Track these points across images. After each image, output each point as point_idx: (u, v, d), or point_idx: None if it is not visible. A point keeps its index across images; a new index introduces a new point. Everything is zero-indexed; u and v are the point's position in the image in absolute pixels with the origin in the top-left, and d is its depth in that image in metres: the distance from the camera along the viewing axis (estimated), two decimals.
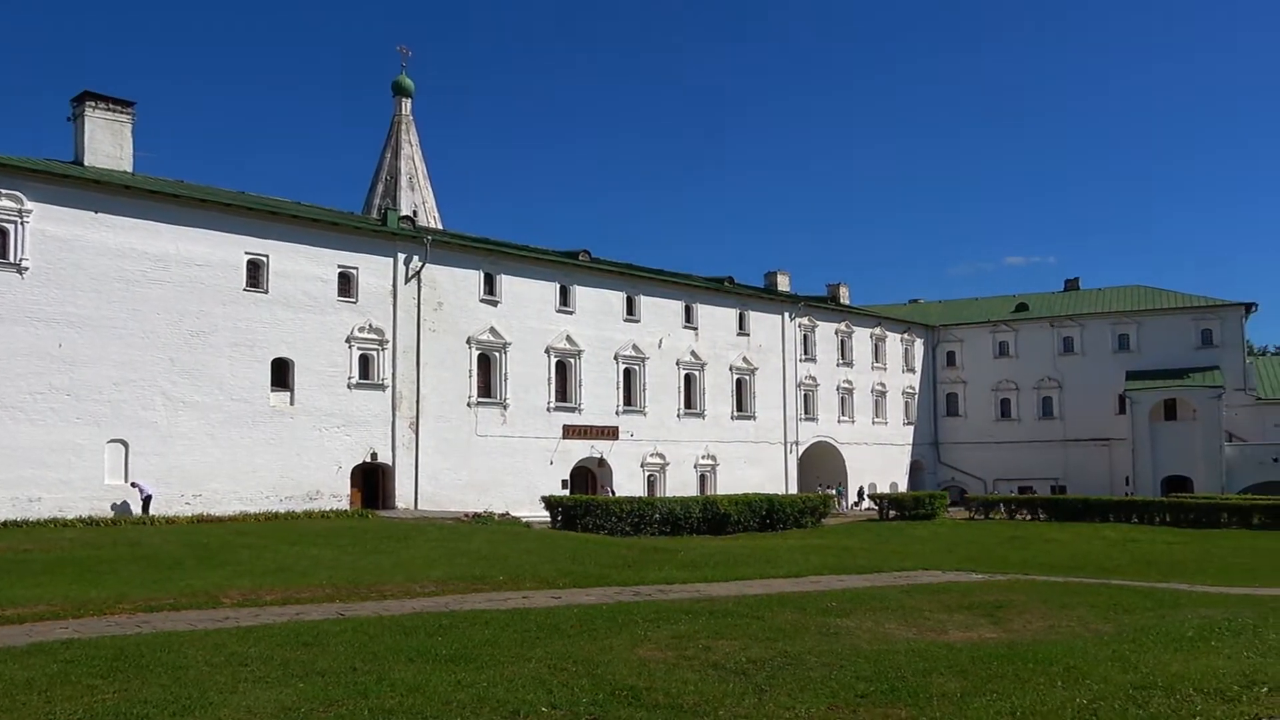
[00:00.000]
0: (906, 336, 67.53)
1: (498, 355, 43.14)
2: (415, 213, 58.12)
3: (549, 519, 37.28)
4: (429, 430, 40.19)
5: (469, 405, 41.85)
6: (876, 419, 63.89)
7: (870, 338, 64.18)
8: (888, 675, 10.39)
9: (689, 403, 51.60)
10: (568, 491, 43.39)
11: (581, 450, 46.24)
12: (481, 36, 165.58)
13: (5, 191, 30.22)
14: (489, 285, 43.04)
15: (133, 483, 31.95)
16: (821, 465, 59.76)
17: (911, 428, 67.11)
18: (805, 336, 59.09)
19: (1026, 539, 38.99)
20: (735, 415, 54.02)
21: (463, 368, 41.78)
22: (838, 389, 60.99)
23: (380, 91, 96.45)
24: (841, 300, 66.35)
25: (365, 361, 38.66)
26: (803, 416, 58.15)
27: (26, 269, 30.51)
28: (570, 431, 45.57)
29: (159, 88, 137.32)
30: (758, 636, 12.96)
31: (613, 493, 44.66)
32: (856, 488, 59.93)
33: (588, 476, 47.49)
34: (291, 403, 36.32)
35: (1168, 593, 20.10)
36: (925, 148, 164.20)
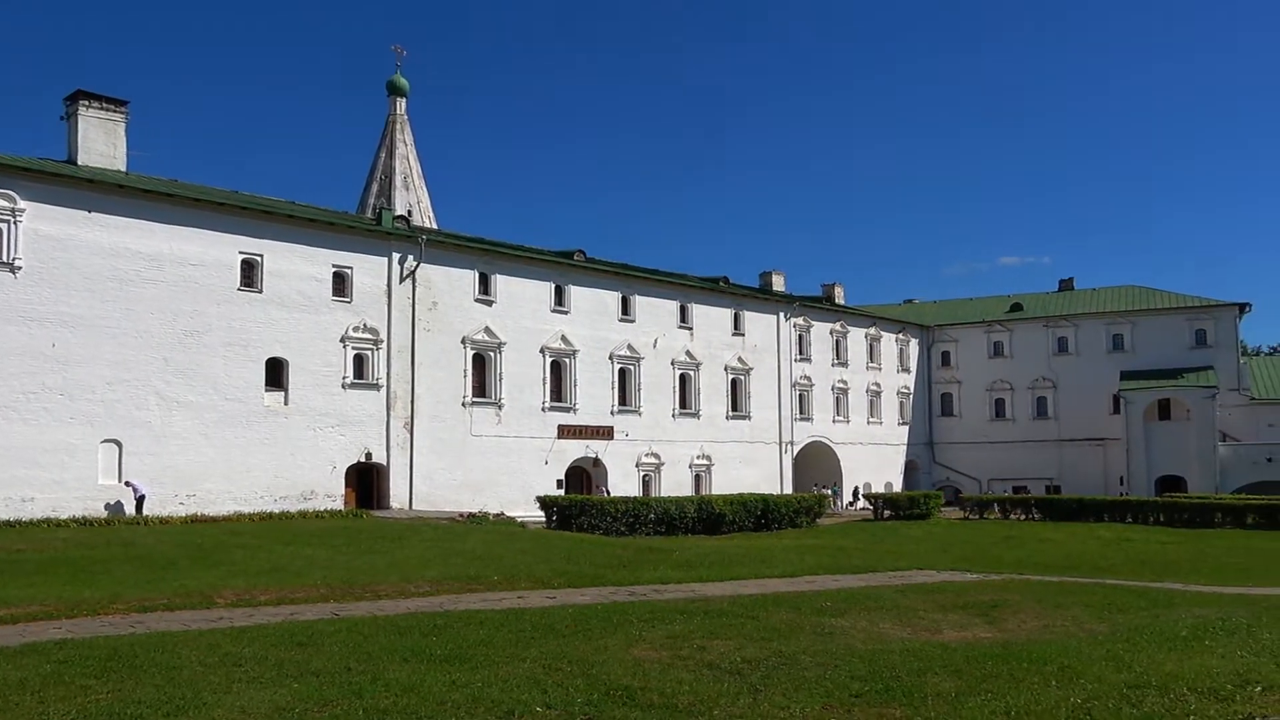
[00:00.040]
0: (901, 336, 67.62)
1: (493, 355, 43.12)
2: (410, 212, 58.04)
3: (544, 519, 37.26)
4: (424, 430, 40.14)
5: (464, 405, 41.82)
6: (871, 419, 63.97)
7: (865, 338, 64.26)
8: (882, 675, 10.40)
9: (684, 403, 51.62)
10: (563, 491, 43.37)
11: (576, 450, 46.24)
12: (477, 36, 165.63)
13: None
14: (484, 285, 43.02)
15: (126, 482, 31.88)
16: (816, 465, 59.81)
17: (906, 428, 67.20)
18: (800, 336, 59.15)
19: (1021, 539, 39.06)
20: (730, 415, 54.05)
21: (457, 367, 41.75)
22: (833, 389, 61.05)
23: (375, 91, 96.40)
24: (836, 300, 66.41)
25: (360, 361, 38.61)
26: (798, 416, 58.21)
27: (20, 268, 30.42)
28: (565, 431, 45.56)
29: (153, 87, 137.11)
30: (753, 636, 12.96)
31: (608, 492, 44.64)
32: (851, 488, 60.01)
33: (583, 476, 47.48)
34: (286, 402, 36.26)
35: (1162, 592, 20.13)
36: (920, 148, 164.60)
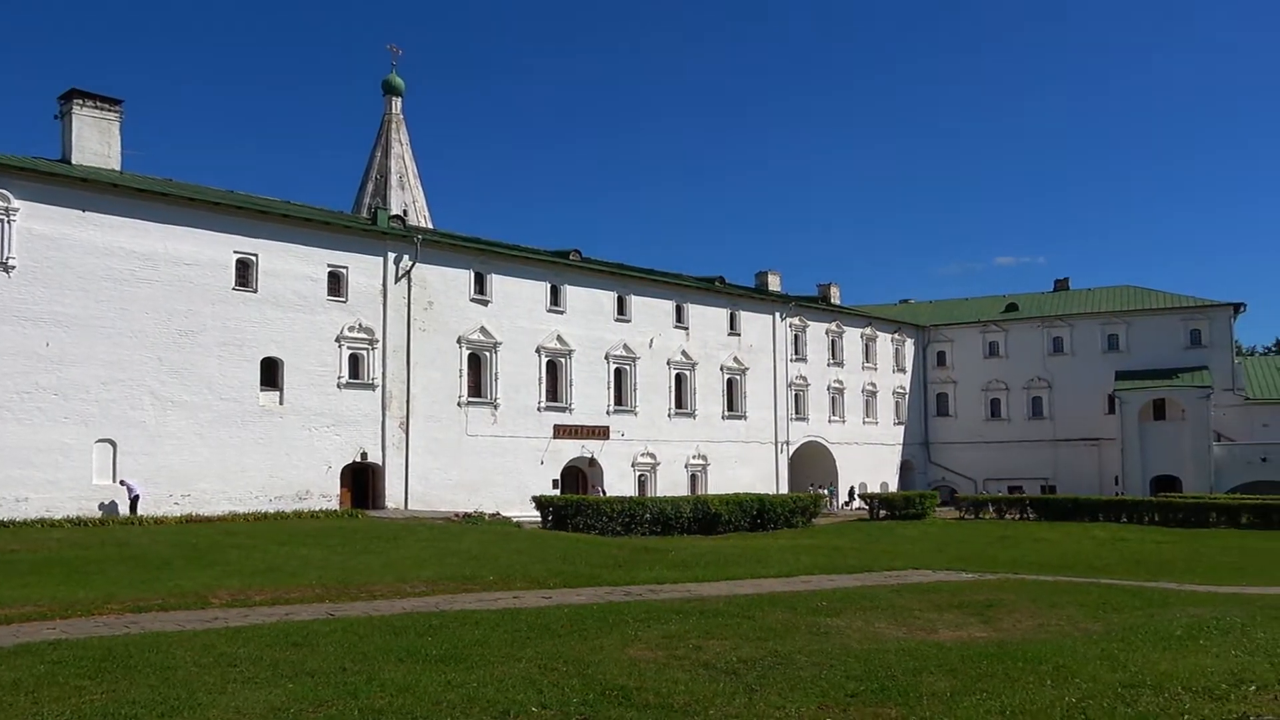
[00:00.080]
0: (897, 336, 67.68)
1: (488, 355, 43.09)
2: (405, 212, 58.00)
3: (540, 519, 37.25)
4: (419, 430, 40.11)
5: (459, 405, 41.79)
6: (867, 419, 64.01)
7: (861, 338, 64.32)
8: (878, 674, 10.41)
9: (680, 402, 51.62)
10: (558, 491, 43.37)
11: (572, 450, 46.22)
12: (472, 35, 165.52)
13: None
14: (479, 285, 42.99)
15: (121, 481, 31.82)
16: (812, 465, 59.84)
17: (902, 428, 67.26)
18: (796, 336, 59.18)
19: (1016, 538, 39.12)
20: (726, 415, 54.07)
21: (453, 367, 41.72)
22: (828, 389, 61.09)
23: (370, 90, 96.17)
24: (832, 300, 66.44)
25: (355, 361, 38.56)
26: (793, 416, 58.23)
27: (13, 267, 30.34)
28: (561, 431, 45.54)
29: (147, 86, 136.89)
30: (748, 636, 12.96)
31: (603, 492, 44.64)
32: (847, 487, 60.05)
33: (578, 476, 47.48)
34: (281, 402, 36.21)
35: (1156, 592, 20.17)
36: (916, 148, 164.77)
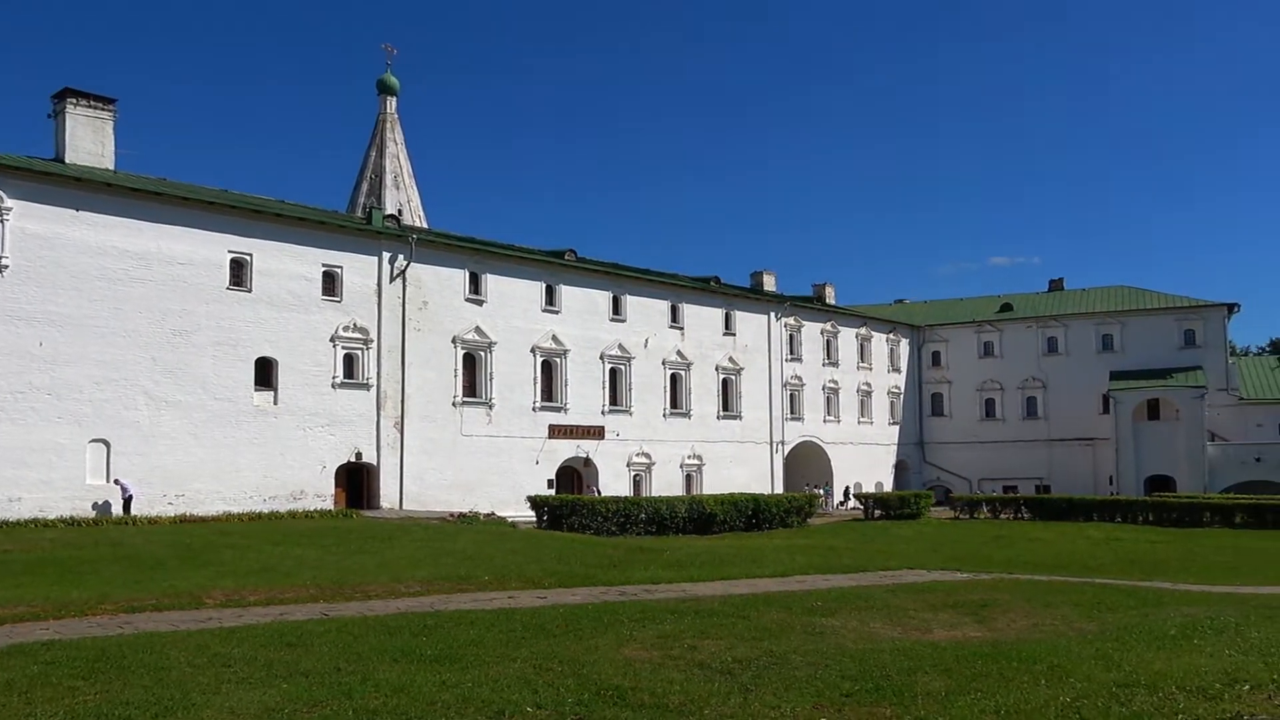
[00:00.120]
0: (892, 336, 67.75)
1: (483, 355, 43.05)
2: (400, 211, 57.92)
3: (535, 519, 37.22)
4: (414, 430, 40.06)
5: (454, 405, 41.75)
6: (862, 419, 64.06)
7: (856, 338, 64.36)
8: (873, 674, 10.41)
9: (675, 402, 51.62)
10: (553, 491, 43.35)
11: (567, 450, 46.20)
12: (467, 35, 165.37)
13: None
14: (474, 284, 42.95)
15: (116, 480, 31.73)
16: (807, 465, 59.87)
17: (897, 427, 67.33)
18: (791, 336, 59.21)
19: (1011, 538, 39.18)
20: (721, 415, 54.07)
21: (448, 367, 41.67)
22: (823, 389, 61.13)
23: (365, 90, 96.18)
24: (827, 300, 66.49)
25: (350, 361, 38.51)
26: (788, 416, 58.25)
27: (6, 267, 30.23)
28: (556, 431, 45.51)
29: (141, 85, 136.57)
30: (743, 636, 12.97)
31: (598, 492, 44.63)
32: (842, 487, 60.08)
33: (573, 476, 47.46)
34: (275, 402, 36.14)
35: (1151, 591, 20.22)
36: (910, 148, 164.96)
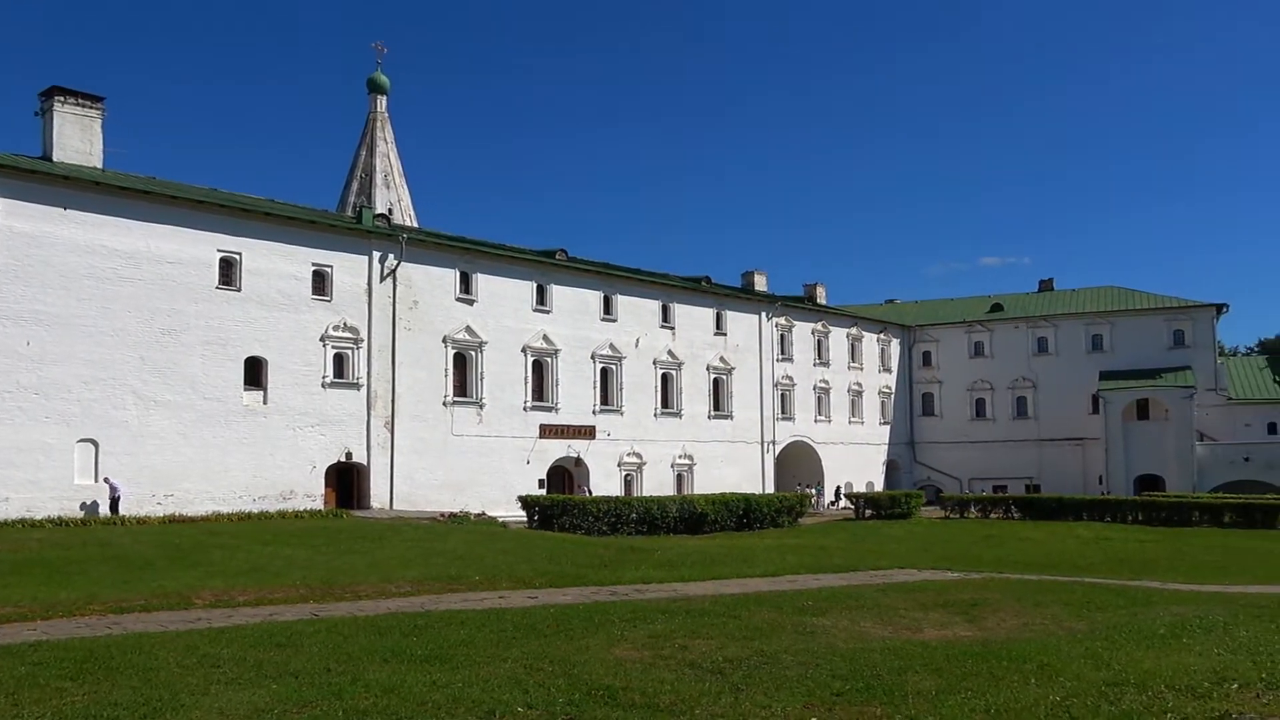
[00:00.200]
0: (883, 336, 67.88)
1: (474, 354, 42.98)
2: (391, 211, 57.83)
3: (525, 519, 37.17)
4: (404, 430, 39.97)
5: (445, 404, 41.67)
6: (853, 419, 64.17)
7: (847, 338, 64.48)
8: (863, 674, 10.42)
9: (666, 402, 51.63)
10: (544, 491, 43.30)
11: (558, 450, 46.16)
12: (458, 34, 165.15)
13: None
14: (465, 284, 42.88)
15: (105, 479, 31.58)
16: (798, 465, 59.94)
17: (887, 427, 67.46)
18: (782, 336, 59.28)
19: (1001, 538, 39.26)
20: (712, 415, 54.10)
21: (439, 367, 41.60)
22: (814, 389, 61.22)
23: (355, 88, 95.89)
24: (818, 300, 66.56)
25: (340, 360, 38.40)
26: (780, 416, 58.32)
27: None
28: (547, 431, 45.47)
29: (130, 83, 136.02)
30: (734, 636, 12.96)
31: (589, 492, 44.60)
32: (833, 487, 60.18)
33: (564, 476, 47.42)
34: (265, 402, 36.02)
35: (1140, 591, 20.27)
36: (902, 149, 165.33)
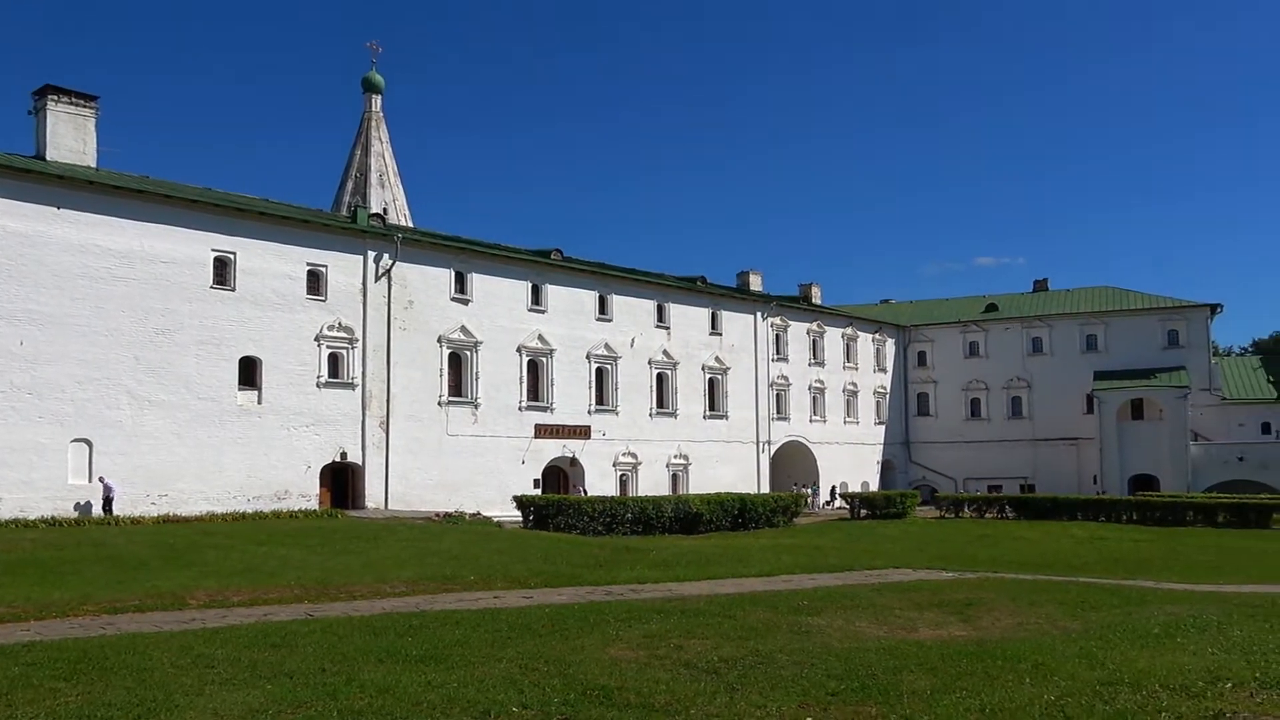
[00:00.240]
0: (878, 336, 67.93)
1: (469, 354, 42.94)
2: (385, 210, 57.76)
3: (521, 519, 37.14)
4: (399, 429, 39.93)
5: (440, 404, 41.63)
6: (848, 418, 64.21)
7: (842, 338, 64.51)
8: (858, 673, 10.42)
9: (661, 402, 51.62)
10: (539, 491, 43.28)
11: (553, 450, 46.13)
12: (453, 33, 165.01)
13: None
14: (460, 284, 42.84)
15: (100, 478, 31.50)
16: (793, 464, 59.98)
17: (883, 427, 67.52)
18: (777, 336, 59.30)
19: (996, 537, 39.32)
20: (708, 415, 54.10)
21: (434, 367, 41.55)
22: (810, 389, 61.24)
23: (350, 88, 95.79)
24: (813, 300, 66.61)
25: (334, 360, 38.34)
26: (775, 416, 58.34)
27: None
28: (542, 431, 45.44)
29: (124, 82, 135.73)
30: (729, 635, 12.96)
31: (585, 492, 44.59)
32: (828, 487, 60.21)
33: (560, 476, 47.40)
34: (259, 401, 35.95)
35: (1134, 590, 20.31)
36: (896, 148, 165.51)
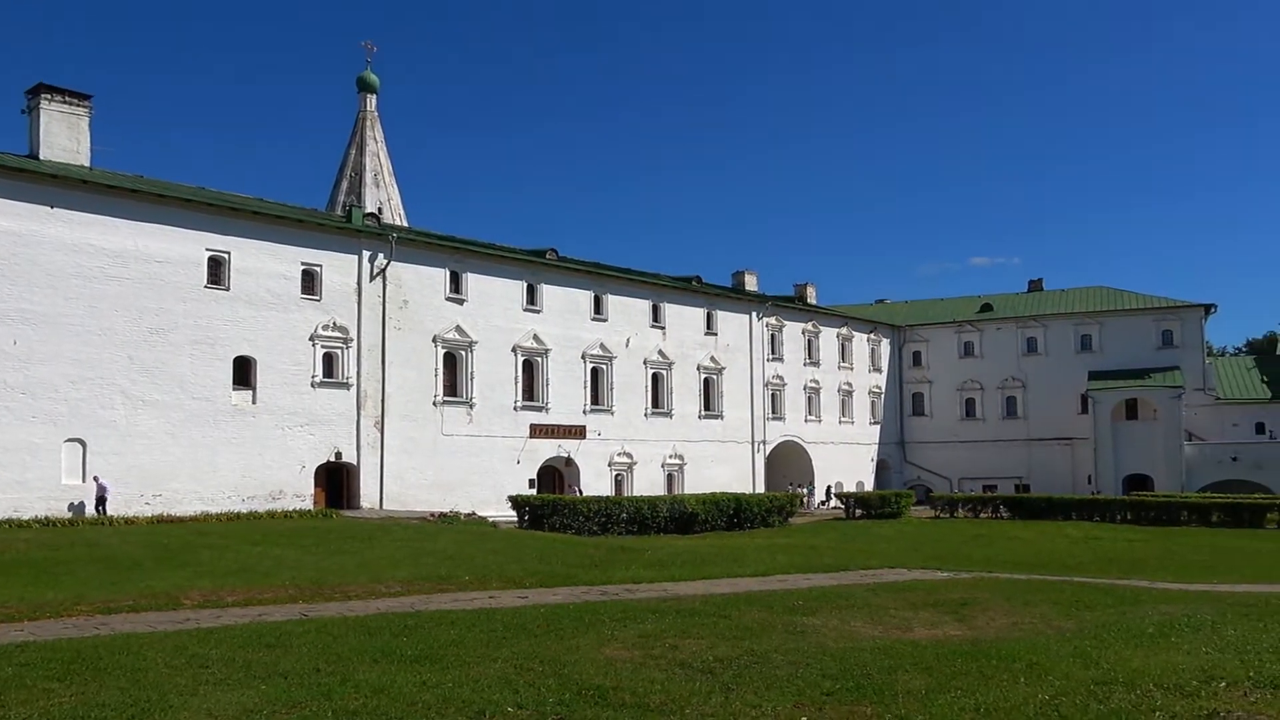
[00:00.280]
0: (873, 336, 67.98)
1: (464, 354, 42.90)
2: (380, 210, 57.68)
3: (516, 519, 37.13)
4: (394, 429, 39.87)
5: (435, 404, 41.58)
6: (843, 418, 64.26)
7: (837, 337, 64.55)
8: (853, 673, 10.42)
9: (656, 402, 51.61)
10: (535, 491, 43.24)
11: (548, 449, 46.10)
12: (448, 32, 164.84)
13: None
14: (455, 283, 42.79)
15: (95, 477, 31.42)
16: (789, 464, 60.01)
17: (878, 427, 67.57)
18: (773, 336, 59.32)
19: (990, 537, 39.39)
20: (703, 415, 54.10)
21: (428, 366, 41.51)
22: (805, 389, 61.27)
23: (345, 87, 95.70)
24: (808, 300, 66.67)
25: (329, 360, 38.28)
26: (770, 416, 58.36)
27: None
28: (537, 431, 45.41)
29: (118, 81, 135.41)
30: (724, 635, 12.96)
31: (580, 492, 44.57)
32: (824, 487, 60.26)
33: (555, 476, 47.37)
34: (254, 401, 35.88)
35: (1129, 590, 20.34)
36: (891, 148, 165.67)
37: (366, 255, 39.66)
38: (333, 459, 38.07)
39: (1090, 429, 61.42)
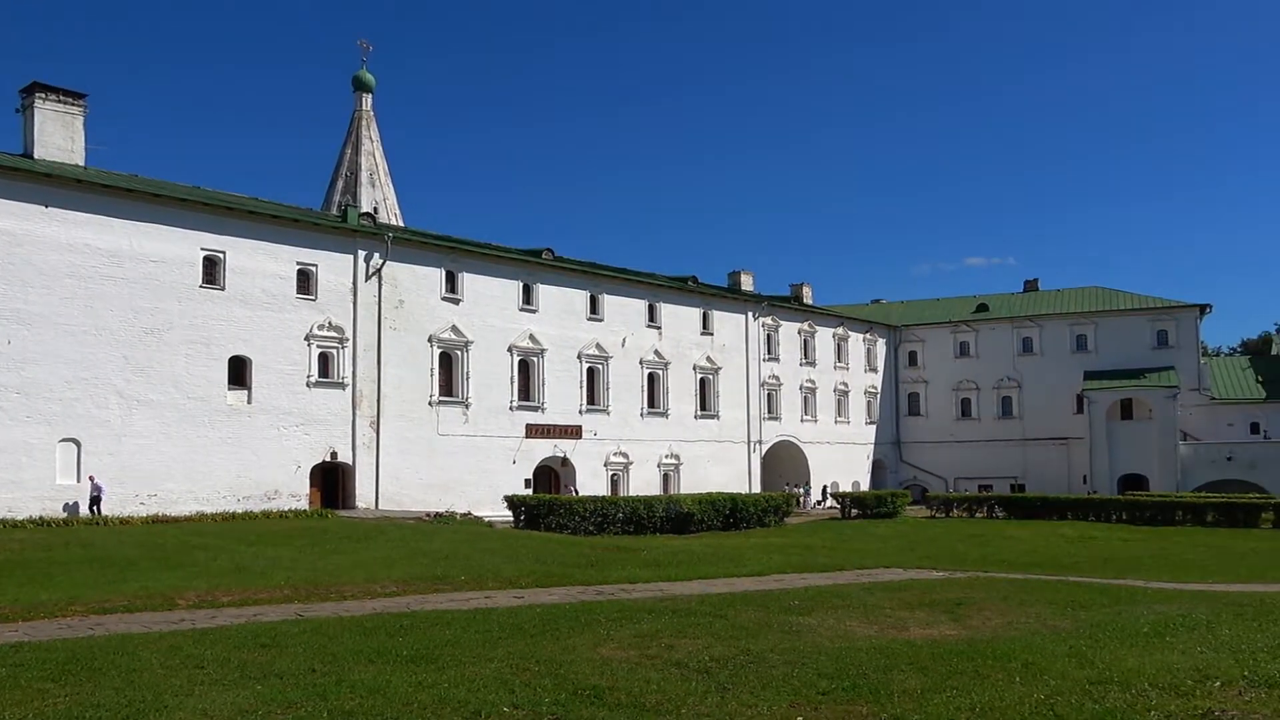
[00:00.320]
0: (869, 336, 68.05)
1: (460, 354, 42.87)
2: (376, 209, 57.63)
3: (512, 518, 37.10)
4: (390, 429, 39.83)
5: (431, 404, 41.55)
6: (839, 418, 64.32)
7: (833, 337, 64.61)
8: (849, 673, 10.43)
9: (652, 402, 51.61)
10: (531, 491, 43.21)
11: (545, 449, 46.08)
12: (444, 31, 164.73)
13: None
14: (451, 283, 42.76)
15: (90, 477, 31.35)
16: (785, 464, 60.05)
17: (874, 427, 67.64)
18: (769, 336, 59.35)
19: (986, 537, 39.43)
20: (699, 414, 54.11)
21: (424, 366, 41.47)
22: (801, 388, 61.32)
23: (341, 86, 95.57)
24: (805, 300, 66.70)
25: (325, 360, 38.23)
26: (766, 416, 58.40)
27: None
28: (533, 431, 45.39)
29: (113, 80, 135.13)
30: (720, 635, 12.96)
31: (576, 492, 44.55)
32: (820, 486, 60.31)
33: (551, 476, 47.34)
34: (249, 401, 35.83)
35: (1124, 589, 20.38)
36: (887, 148, 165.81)
37: (362, 255, 39.62)
38: (328, 459, 38.02)
39: (1085, 429, 61.52)
